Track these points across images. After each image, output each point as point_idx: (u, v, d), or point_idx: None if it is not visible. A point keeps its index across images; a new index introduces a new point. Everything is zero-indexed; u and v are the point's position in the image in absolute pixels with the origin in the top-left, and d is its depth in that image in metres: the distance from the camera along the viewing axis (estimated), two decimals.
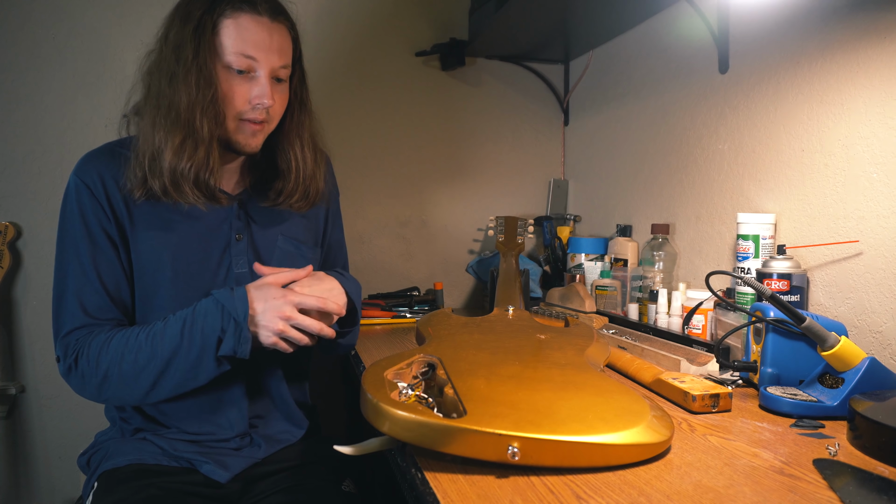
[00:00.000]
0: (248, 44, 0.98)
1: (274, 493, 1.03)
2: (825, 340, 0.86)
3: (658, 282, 1.44)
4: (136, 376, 0.97)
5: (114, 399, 1.02)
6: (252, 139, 1.03)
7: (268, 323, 0.96)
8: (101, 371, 0.97)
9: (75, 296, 1.01)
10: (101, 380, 0.98)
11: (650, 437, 0.69)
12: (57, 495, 1.69)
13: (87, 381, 0.99)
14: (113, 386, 0.98)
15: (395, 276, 1.97)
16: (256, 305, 0.96)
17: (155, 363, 0.96)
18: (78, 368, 0.99)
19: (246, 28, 0.97)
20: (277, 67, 1.01)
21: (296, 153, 1.09)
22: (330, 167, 1.26)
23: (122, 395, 1.00)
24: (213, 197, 1.02)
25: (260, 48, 0.98)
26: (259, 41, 0.98)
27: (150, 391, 0.98)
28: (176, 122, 0.96)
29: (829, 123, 1.11)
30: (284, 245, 1.14)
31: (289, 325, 0.97)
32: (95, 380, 0.98)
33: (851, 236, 1.07)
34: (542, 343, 1.04)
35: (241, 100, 1.00)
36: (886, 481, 0.66)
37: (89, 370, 0.98)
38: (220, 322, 0.95)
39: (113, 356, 0.97)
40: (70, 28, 1.66)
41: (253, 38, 0.98)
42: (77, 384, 1.01)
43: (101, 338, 0.99)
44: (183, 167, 0.97)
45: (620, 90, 1.79)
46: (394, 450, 0.75)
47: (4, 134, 1.62)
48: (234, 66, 0.98)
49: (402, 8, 1.92)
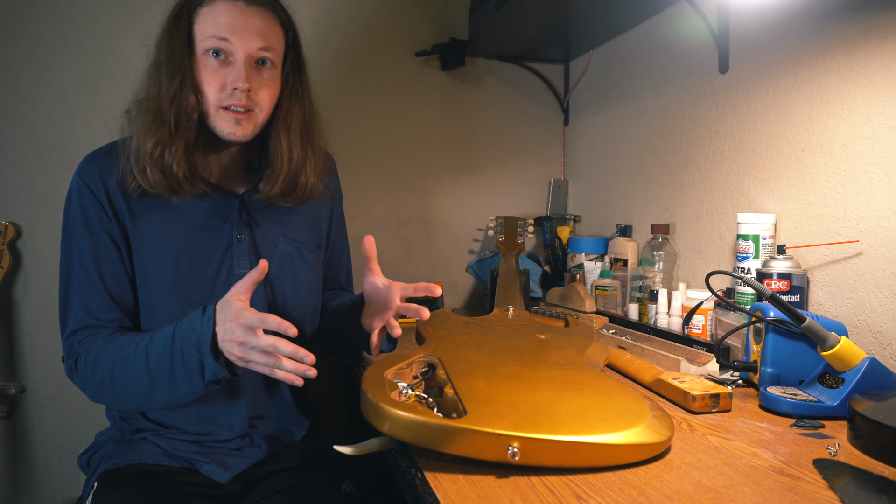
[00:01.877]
0: (222, 26, 0.97)
1: (274, 494, 1.03)
2: (825, 340, 0.86)
3: (658, 282, 1.44)
4: (127, 388, 0.97)
5: (112, 404, 1.04)
6: (237, 127, 1.00)
7: (228, 348, 0.87)
8: (97, 378, 0.98)
9: (79, 297, 1.01)
10: (98, 386, 0.99)
11: (650, 437, 0.69)
12: (57, 495, 1.69)
13: (86, 384, 1.01)
14: (108, 393, 1.00)
15: (395, 276, 1.96)
16: (217, 329, 0.88)
17: (144, 380, 0.95)
18: (78, 372, 1.00)
19: (220, 12, 0.97)
20: (255, 50, 0.98)
21: (280, 142, 1.06)
22: (334, 169, 1.25)
23: (118, 403, 1.03)
24: (175, 181, 0.98)
25: (234, 30, 0.97)
26: (233, 23, 0.97)
27: (144, 402, 0.99)
28: (148, 111, 0.98)
29: (829, 123, 1.11)
30: (285, 247, 1.13)
31: (247, 349, 0.86)
32: (93, 384, 0.99)
33: (851, 236, 1.07)
34: (542, 343, 1.04)
35: (217, 85, 0.98)
36: (886, 481, 0.66)
37: (87, 375, 0.99)
38: (197, 352, 0.90)
39: (107, 365, 0.97)
40: (70, 28, 1.66)
41: (226, 20, 0.97)
42: (79, 385, 1.02)
43: (99, 343, 0.99)
44: (149, 149, 0.97)
45: (620, 90, 1.79)
46: (394, 450, 0.75)
47: (4, 134, 1.62)
48: (209, 49, 0.97)
49: (402, 8, 1.92)
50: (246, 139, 1.02)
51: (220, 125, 1.00)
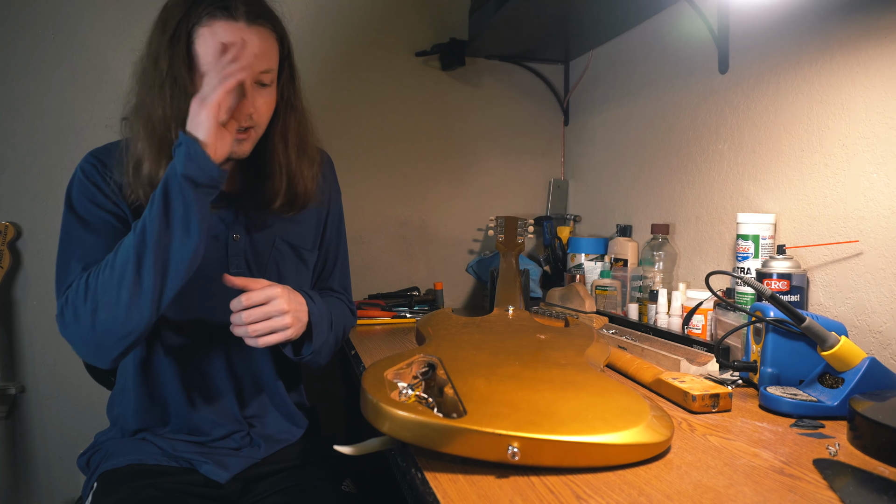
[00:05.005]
0: None
1: (274, 494, 1.03)
2: (825, 340, 0.86)
3: (658, 282, 1.44)
4: (121, 280, 0.88)
5: (109, 328, 0.90)
6: (239, 147, 1.00)
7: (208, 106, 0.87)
8: (90, 294, 0.90)
9: (78, 258, 0.98)
10: (87, 301, 0.90)
11: (650, 437, 0.69)
12: (57, 495, 1.69)
13: (77, 312, 0.91)
14: (101, 306, 0.89)
15: (395, 276, 1.97)
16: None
17: (130, 257, 0.88)
18: (69, 303, 0.92)
19: (221, 36, 0.94)
20: (257, 73, 0.98)
21: (278, 153, 1.06)
22: (331, 167, 1.25)
23: (115, 316, 0.89)
24: None
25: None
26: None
27: (139, 294, 0.88)
28: (153, 134, 0.96)
29: (829, 123, 1.11)
30: (281, 247, 1.13)
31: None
32: (85, 306, 0.90)
33: (851, 236, 1.07)
34: (542, 343, 1.04)
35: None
36: (886, 481, 0.66)
37: (78, 299, 0.91)
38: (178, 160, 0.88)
39: (94, 274, 0.91)
40: (70, 28, 1.66)
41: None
42: (69, 332, 0.94)
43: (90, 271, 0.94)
44: (154, 173, 0.95)
45: (620, 90, 1.79)
46: (394, 450, 0.75)
47: (5, 134, 1.63)
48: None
49: (402, 8, 1.92)
50: (246, 155, 1.03)
51: None
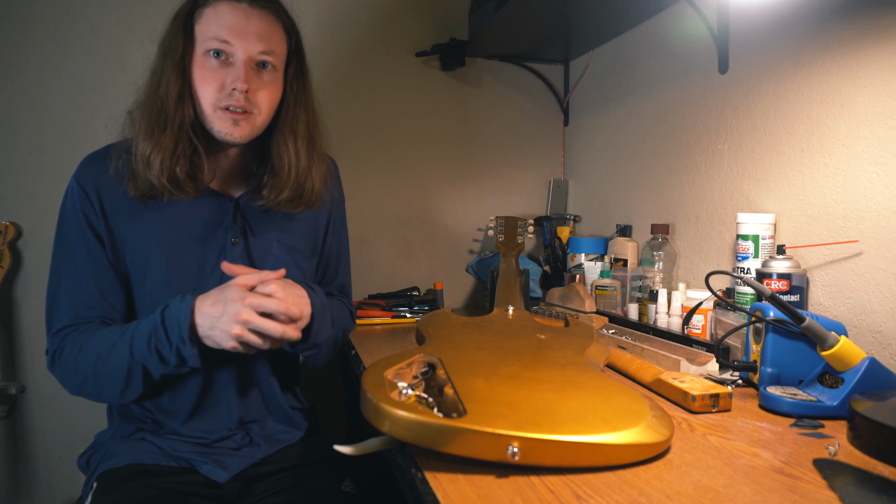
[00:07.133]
0: (223, 28, 0.97)
1: (273, 494, 1.03)
2: (825, 340, 0.86)
3: (658, 282, 1.44)
4: (109, 378, 0.98)
5: (94, 397, 1.03)
6: (234, 128, 0.99)
7: (225, 326, 0.91)
8: (80, 371, 0.99)
9: (67, 295, 1.02)
10: (75, 373, 1.00)
11: (650, 437, 0.69)
12: (57, 495, 1.69)
13: (66, 376, 1.02)
14: (90, 385, 1.00)
15: (395, 276, 1.97)
16: (214, 309, 0.93)
17: (122, 367, 0.97)
18: (62, 361, 1.01)
19: (222, 13, 0.98)
20: (256, 52, 0.99)
21: (287, 148, 1.06)
22: (336, 172, 1.25)
23: (99, 394, 1.02)
24: (178, 187, 0.99)
25: (235, 31, 0.98)
26: (234, 24, 0.98)
27: (123, 393, 1.00)
28: (149, 114, 0.98)
29: (829, 123, 1.11)
30: (279, 252, 1.12)
31: (246, 329, 0.92)
32: (76, 376, 1.00)
33: (851, 236, 1.07)
34: (542, 343, 1.03)
35: (216, 85, 0.98)
36: (886, 481, 0.66)
37: (69, 367, 1.00)
38: (168, 343, 0.94)
39: (88, 356, 0.98)
40: (70, 28, 1.66)
41: (229, 21, 0.98)
42: (60, 377, 1.03)
43: (83, 337, 1.00)
44: (150, 153, 0.97)
45: (620, 90, 1.79)
46: (394, 450, 0.75)
47: (5, 133, 1.62)
48: (209, 49, 0.98)
49: (402, 8, 1.92)
50: (243, 140, 1.02)
51: (218, 125, 1.00)
